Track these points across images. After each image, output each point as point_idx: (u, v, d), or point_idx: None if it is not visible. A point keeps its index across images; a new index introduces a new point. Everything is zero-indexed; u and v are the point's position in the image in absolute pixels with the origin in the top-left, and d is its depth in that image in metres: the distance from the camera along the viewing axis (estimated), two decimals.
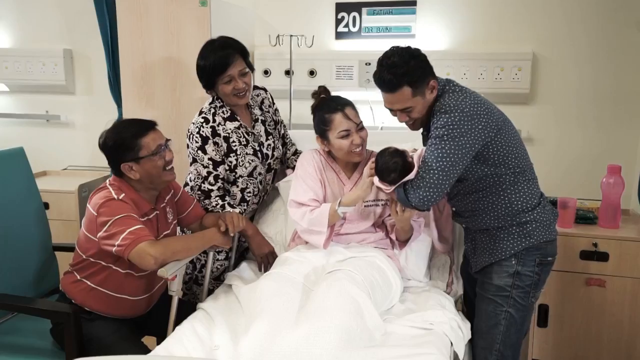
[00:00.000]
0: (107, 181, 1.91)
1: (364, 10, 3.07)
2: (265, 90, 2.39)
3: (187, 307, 1.98)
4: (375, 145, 2.30)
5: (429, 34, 3.00)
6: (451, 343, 1.71)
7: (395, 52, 1.77)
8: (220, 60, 2.06)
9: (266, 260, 2.17)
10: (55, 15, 3.50)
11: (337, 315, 1.61)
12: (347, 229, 2.11)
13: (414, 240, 2.08)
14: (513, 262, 1.83)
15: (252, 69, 2.17)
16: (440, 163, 1.69)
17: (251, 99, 2.27)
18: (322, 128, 2.07)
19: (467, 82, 2.90)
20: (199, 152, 2.13)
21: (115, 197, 1.81)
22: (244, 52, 2.13)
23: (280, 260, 2.02)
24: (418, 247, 2.10)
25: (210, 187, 2.15)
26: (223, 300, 1.92)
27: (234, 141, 2.17)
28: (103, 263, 1.89)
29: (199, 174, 2.15)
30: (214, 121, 2.15)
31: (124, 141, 1.84)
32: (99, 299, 1.92)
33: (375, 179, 1.87)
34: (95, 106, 3.50)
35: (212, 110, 2.17)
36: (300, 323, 1.63)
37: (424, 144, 1.88)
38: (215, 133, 2.14)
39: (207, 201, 2.16)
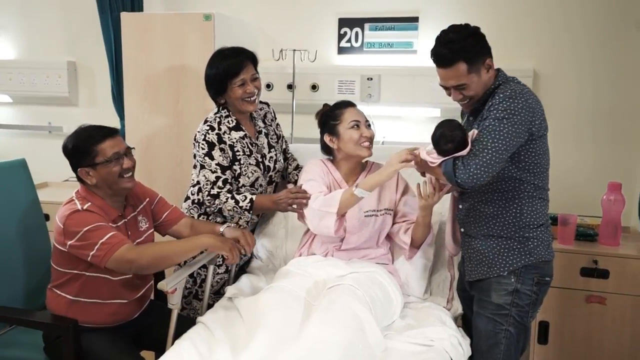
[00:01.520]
0: (75, 192, 1.93)
1: (367, 25, 3.10)
2: (268, 104, 2.41)
3: (187, 322, 1.97)
4: (376, 160, 2.32)
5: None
6: (451, 359, 1.70)
7: (453, 28, 1.78)
8: (234, 64, 2.13)
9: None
10: (59, 28, 3.53)
11: (338, 331, 1.61)
12: (347, 243, 2.11)
13: (425, 245, 2.07)
14: (512, 279, 1.81)
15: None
16: (496, 144, 1.67)
17: (254, 112, 2.29)
18: (331, 124, 2.12)
19: None
20: (206, 158, 2.14)
21: (80, 207, 1.82)
22: (254, 59, 2.20)
23: (281, 273, 2.02)
24: (418, 263, 2.10)
25: (218, 191, 2.14)
26: (223, 314, 1.91)
27: (238, 150, 2.18)
28: (75, 271, 1.88)
29: (208, 180, 2.15)
30: (220, 129, 2.17)
31: (81, 146, 1.87)
32: (83, 310, 1.90)
33: (423, 151, 1.82)
34: (98, 118, 3.46)
35: (218, 120, 2.19)
36: (301, 338, 1.62)
37: (469, 129, 1.85)
38: (221, 140, 2.16)
39: (217, 201, 2.14)
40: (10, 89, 3.56)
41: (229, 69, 2.12)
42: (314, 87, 3.14)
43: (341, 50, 3.15)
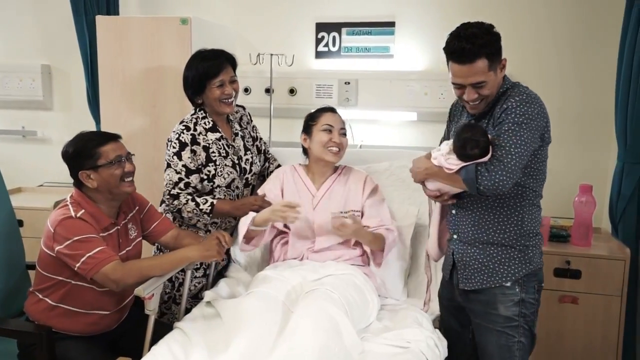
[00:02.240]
0: (68, 197, 1.91)
1: (344, 30, 3.12)
2: (243, 107, 2.42)
3: (164, 328, 1.95)
4: (353, 163, 2.34)
5: (407, 54, 3.06)
6: None
7: (472, 24, 1.70)
8: (213, 65, 2.15)
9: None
10: (33, 31, 3.48)
11: (314, 335, 1.61)
12: (319, 244, 2.12)
13: (390, 253, 2.09)
14: (517, 289, 1.76)
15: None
16: (518, 149, 1.62)
17: (231, 115, 2.30)
18: (308, 124, 2.22)
19: (445, 102, 2.97)
20: (174, 157, 2.15)
21: (73, 214, 1.81)
22: (233, 62, 2.23)
23: (259, 279, 2.01)
24: (394, 265, 2.12)
25: (179, 192, 2.15)
26: (200, 319, 1.90)
27: (213, 152, 2.19)
28: (61, 278, 1.87)
29: (170, 180, 2.15)
30: (195, 130, 2.17)
31: (84, 149, 1.86)
32: (63, 316, 1.89)
33: (439, 155, 1.75)
34: (73, 122, 3.46)
35: (194, 120, 2.20)
36: (278, 343, 1.63)
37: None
38: (194, 141, 2.16)
39: (176, 202, 2.15)
40: None
41: (208, 70, 2.14)
42: (292, 91, 3.15)
43: (319, 55, 3.17)
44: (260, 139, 2.45)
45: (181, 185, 2.15)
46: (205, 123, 2.20)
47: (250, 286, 2.01)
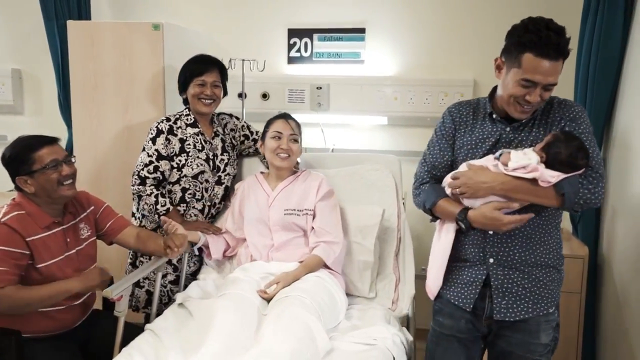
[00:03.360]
0: (12, 198, 1.92)
1: (315, 36, 3.18)
2: (231, 116, 2.57)
3: (135, 330, 1.97)
4: (325, 166, 2.41)
5: (378, 60, 3.13)
6: (394, 357, 1.77)
7: (550, 20, 1.51)
8: (201, 65, 2.35)
9: (209, 229, 2.35)
10: (3, 35, 3.45)
11: (286, 340, 1.66)
12: (278, 240, 2.20)
13: (352, 252, 2.21)
14: (556, 314, 1.65)
15: (225, 90, 2.45)
16: (600, 158, 1.55)
17: (217, 118, 2.47)
18: (264, 130, 2.34)
19: (414, 106, 3.05)
20: (150, 142, 2.30)
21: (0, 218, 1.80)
22: (222, 70, 2.43)
23: (229, 281, 2.05)
24: (356, 262, 2.20)
25: (147, 175, 2.28)
26: (172, 321, 1.93)
27: (189, 144, 2.33)
28: None
29: (142, 161, 2.30)
30: (175, 123, 2.34)
31: (19, 154, 1.87)
32: (21, 318, 1.86)
33: (539, 168, 1.51)
34: (44, 127, 3.42)
35: (177, 116, 2.38)
36: (252, 346, 1.67)
37: (514, 140, 1.61)
38: (171, 131, 2.32)
39: (141, 187, 2.28)
40: None
41: (194, 69, 2.34)
42: (264, 96, 3.19)
43: (291, 60, 3.21)
44: (249, 136, 2.56)
45: (150, 167, 2.28)
46: (187, 119, 2.37)
47: (221, 288, 2.04)
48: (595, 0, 2.39)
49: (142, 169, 2.28)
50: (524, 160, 1.51)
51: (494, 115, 1.65)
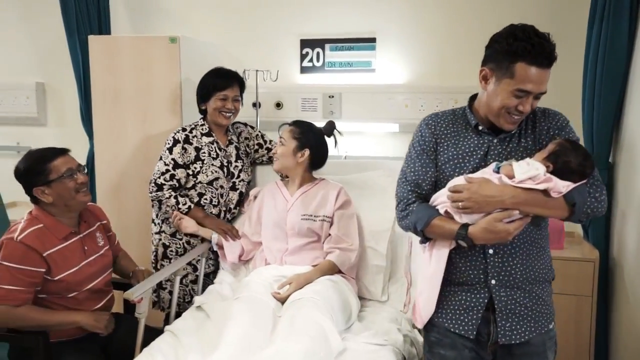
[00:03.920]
0: (27, 213, 1.99)
1: (327, 46, 3.26)
2: (245, 125, 2.67)
3: (155, 333, 2.04)
4: (338, 173, 2.47)
5: (388, 68, 3.19)
6: (404, 357, 1.82)
7: (529, 25, 1.47)
8: (223, 80, 2.45)
9: (226, 232, 2.42)
10: (28, 50, 3.60)
11: (300, 340, 1.72)
12: (292, 243, 2.26)
13: (366, 257, 2.26)
14: (554, 329, 1.60)
15: (241, 102, 2.55)
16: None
17: (231, 127, 2.57)
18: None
19: (425, 113, 3.07)
20: (167, 151, 2.42)
21: (16, 237, 1.87)
22: (242, 85, 2.54)
23: (244, 284, 2.12)
24: (370, 266, 2.25)
25: (163, 182, 2.39)
26: (191, 322, 2.00)
27: (204, 152, 2.44)
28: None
29: (159, 170, 2.40)
30: (191, 132, 2.45)
31: (35, 166, 1.94)
32: None
33: (548, 180, 1.44)
34: (66, 138, 3.56)
35: (192, 126, 2.49)
36: (267, 345, 1.73)
37: (503, 152, 1.54)
38: (187, 140, 2.43)
39: (159, 192, 2.38)
40: None
41: (217, 83, 2.44)
42: (278, 105, 3.27)
43: (304, 70, 3.29)
44: (262, 145, 2.65)
45: (167, 176, 2.38)
46: (202, 129, 2.48)
47: (237, 291, 2.11)
48: (601, 8, 2.43)
49: (159, 177, 2.38)
50: (532, 171, 1.43)
51: (480, 127, 1.56)
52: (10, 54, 3.62)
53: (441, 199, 1.53)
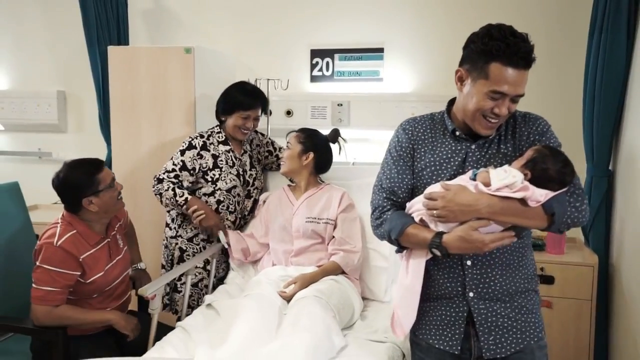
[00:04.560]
0: (60, 217, 2.10)
1: (336, 56, 3.36)
2: (256, 132, 2.74)
3: (167, 329, 2.13)
4: (347, 179, 2.57)
5: (396, 77, 3.29)
6: (403, 354, 1.90)
7: (510, 26, 1.42)
8: (249, 100, 2.49)
9: (213, 229, 2.47)
10: (50, 60, 3.76)
11: (305, 336, 1.80)
12: (298, 245, 2.35)
13: (369, 259, 2.34)
14: (545, 337, 1.53)
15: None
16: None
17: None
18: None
19: None
20: (178, 153, 2.48)
21: (56, 241, 1.99)
22: (265, 105, 2.61)
23: (253, 283, 2.22)
24: (373, 267, 2.34)
25: (165, 178, 2.44)
26: (201, 319, 2.09)
27: (221, 160, 2.50)
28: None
29: (165, 168, 2.46)
30: (208, 139, 2.51)
31: (85, 179, 2.05)
32: None
33: (525, 188, 1.37)
34: (85, 143, 3.71)
35: (209, 132, 2.55)
36: (274, 340, 1.82)
37: (482, 158, 1.49)
38: (204, 147, 2.49)
39: (159, 186, 2.44)
40: (2, 117, 3.75)
41: (243, 102, 2.48)
42: (288, 113, 3.38)
43: (313, 79, 3.40)
44: (278, 148, 2.74)
45: (171, 174, 2.45)
46: (219, 137, 2.54)
47: (245, 290, 2.22)
48: (600, 20, 2.50)
49: (163, 174, 2.45)
50: (509, 179, 1.36)
51: (457, 133, 1.51)
52: (34, 64, 3.78)
53: (417, 207, 1.47)
